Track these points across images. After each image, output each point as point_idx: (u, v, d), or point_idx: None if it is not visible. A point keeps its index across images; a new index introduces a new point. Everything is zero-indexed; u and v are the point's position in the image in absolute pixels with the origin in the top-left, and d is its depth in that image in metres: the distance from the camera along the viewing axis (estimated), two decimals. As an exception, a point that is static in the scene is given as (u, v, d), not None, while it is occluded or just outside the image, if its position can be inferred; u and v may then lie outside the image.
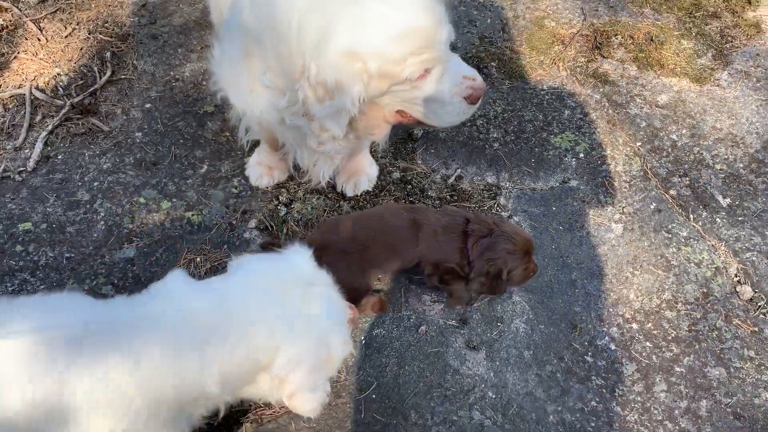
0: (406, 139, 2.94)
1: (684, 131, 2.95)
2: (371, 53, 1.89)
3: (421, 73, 1.99)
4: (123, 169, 2.76)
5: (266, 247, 2.26)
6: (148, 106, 2.99)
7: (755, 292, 2.46)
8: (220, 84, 2.40)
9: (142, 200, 2.66)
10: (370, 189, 2.74)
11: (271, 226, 2.58)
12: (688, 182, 2.77)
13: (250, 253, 2.37)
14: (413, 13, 1.91)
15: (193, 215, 2.61)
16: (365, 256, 2.23)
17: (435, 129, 2.79)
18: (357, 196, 2.72)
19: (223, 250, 2.53)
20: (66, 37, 3.22)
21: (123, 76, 3.09)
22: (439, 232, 2.24)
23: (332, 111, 2.01)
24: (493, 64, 3.22)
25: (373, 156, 2.81)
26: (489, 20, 3.42)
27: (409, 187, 2.78)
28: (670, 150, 2.88)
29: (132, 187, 2.70)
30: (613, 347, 2.32)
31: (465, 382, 2.20)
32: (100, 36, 3.23)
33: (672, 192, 2.74)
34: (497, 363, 2.27)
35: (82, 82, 3.06)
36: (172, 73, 3.13)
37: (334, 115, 2.02)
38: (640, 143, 2.90)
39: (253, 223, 2.59)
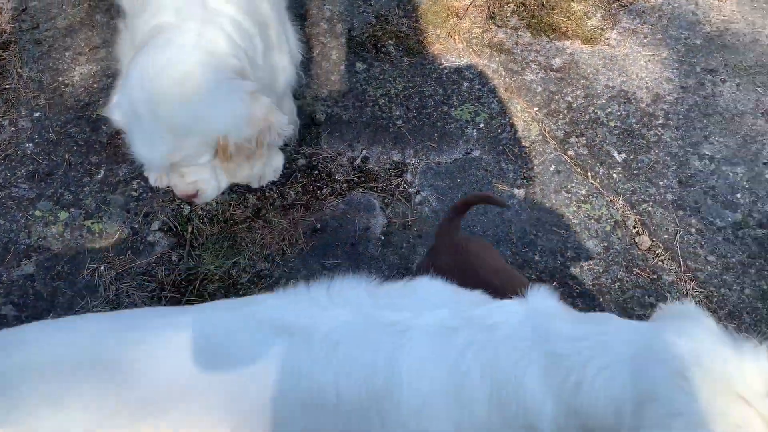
0: (310, 124, 2.93)
1: (578, 92, 3.04)
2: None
3: None
4: (15, 182, 2.65)
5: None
6: (37, 114, 2.87)
7: (653, 241, 2.58)
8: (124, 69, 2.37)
9: (38, 213, 2.56)
10: (276, 179, 2.72)
11: (176, 227, 2.53)
12: (584, 142, 2.86)
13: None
14: (142, 142, 1.88)
15: (93, 223, 2.54)
16: None
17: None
18: (263, 187, 2.69)
19: (127, 256, 2.47)
20: (-59, 49, 3.06)
21: (8, 86, 2.96)
22: None
23: None
24: (390, 42, 3.23)
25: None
26: (384, -2, 3.42)
27: (316, 172, 2.77)
28: (566, 112, 2.97)
29: (26, 200, 2.60)
30: (522, 309, 2.38)
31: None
32: (-21, 46, 3.07)
33: (570, 153, 2.83)
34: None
35: (-37, 95, 2.91)
36: (60, 78, 3.01)
37: None
38: (537, 108, 2.97)
39: (156, 225, 2.54)
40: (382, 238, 2.59)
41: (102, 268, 2.43)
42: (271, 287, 2.42)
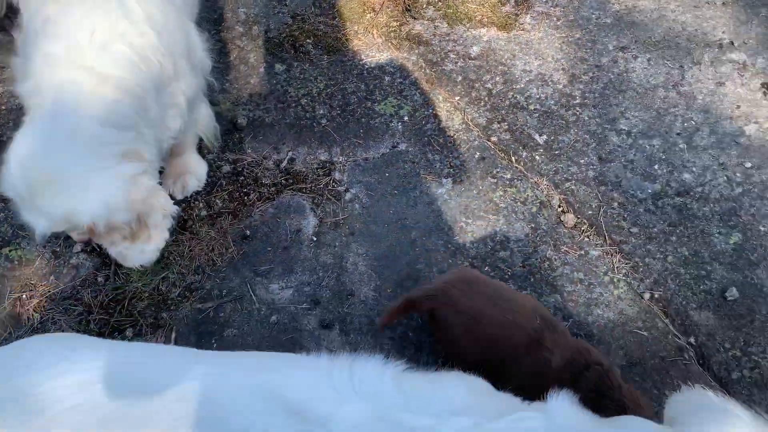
0: (232, 129, 2.88)
1: (497, 78, 3.08)
2: None
3: None
4: (-77, 215, 2.52)
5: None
6: (-58, 142, 2.74)
7: (578, 218, 2.64)
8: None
9: (-50, 245, 2.45)
10: (201, 188, 2.67)
11: (99, 246, 2.45)
12: (506, 127, 2.91)
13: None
14: (26, 215, 1.94)
15: (11, 251, 2.44)
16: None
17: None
18: (188, 197, 2.64)
19: (50, 281, 2.38)
20: None
21: None
22: (556, 365, 1.87)
23: None
24: (308, 41, 3.21)
25: (200, 153, 2.73)
26: (299, -3, 3.39)
27: (242, 178, 2.73)
28: (486, 99, 3.01)
29: (-64, 233, 2.48)
30: (457, 296, 2.41)
31: (320, 362, 2.22)
32: None
33: (493, 138, 2.87)
34: (351, 335, 2.31)
35: None
36: (-36, 102, 2.88)
37: None
38: (458, 97, 3.01)
39: (78, 247, 2.46)
40: (315, 239, 2.57)
41: (24, 296, 2.33)
42: (203, 300, 2.37)
